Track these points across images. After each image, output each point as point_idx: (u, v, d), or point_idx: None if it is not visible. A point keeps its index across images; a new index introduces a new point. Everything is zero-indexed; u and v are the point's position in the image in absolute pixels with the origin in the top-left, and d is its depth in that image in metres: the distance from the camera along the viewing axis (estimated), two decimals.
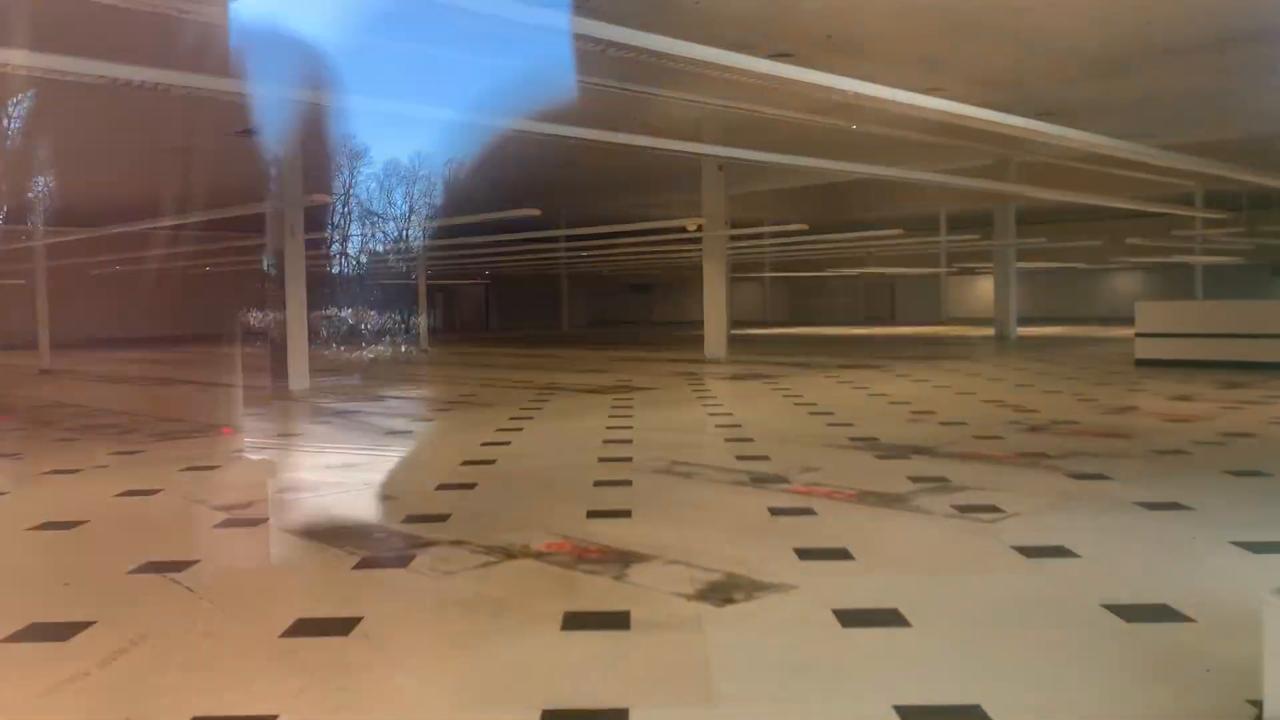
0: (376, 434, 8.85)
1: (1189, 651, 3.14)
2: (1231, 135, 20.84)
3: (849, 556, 4.37)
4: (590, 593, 3.91)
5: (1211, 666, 3.00)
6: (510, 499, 5.82)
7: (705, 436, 8.44)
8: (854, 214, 32.51)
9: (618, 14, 10.65)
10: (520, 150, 19.34)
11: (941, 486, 5.89)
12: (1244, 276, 32.63)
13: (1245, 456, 6.76)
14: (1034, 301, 37.82)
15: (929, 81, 14.57)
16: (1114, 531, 4.73)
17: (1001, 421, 8.79)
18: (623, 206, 30.27)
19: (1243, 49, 13.32)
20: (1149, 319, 14.92)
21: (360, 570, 4.32)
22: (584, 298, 47.08)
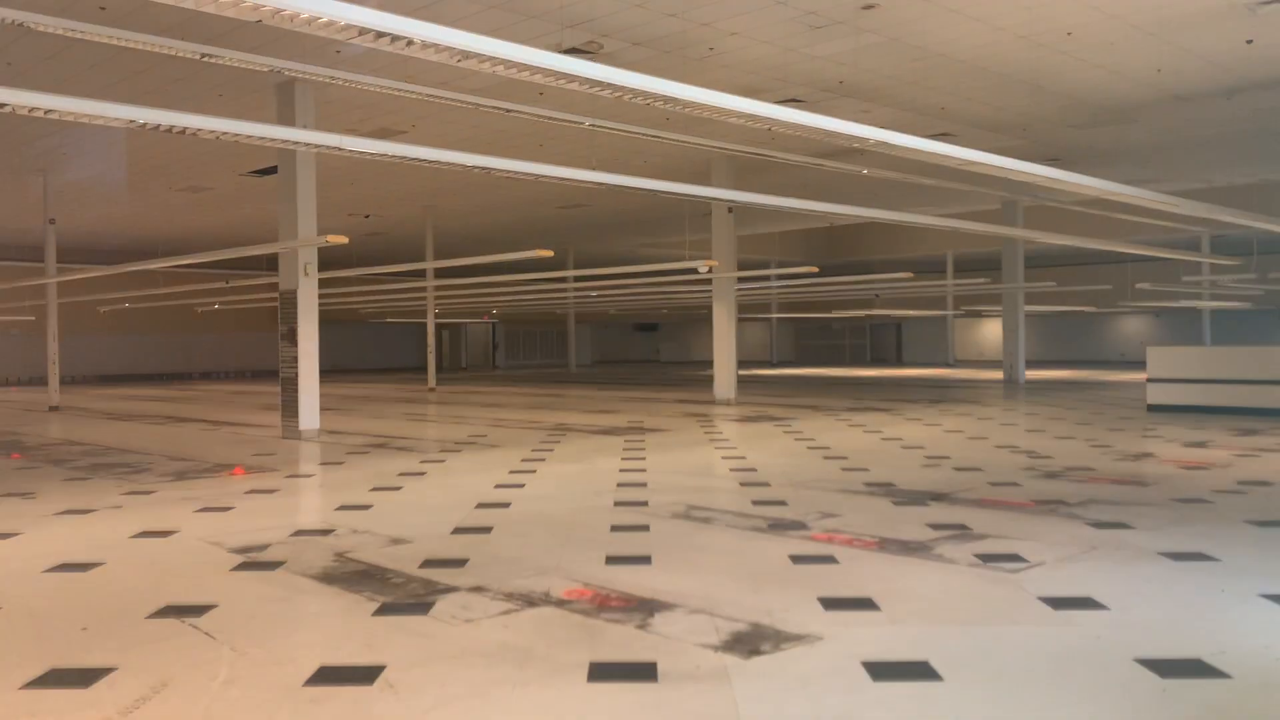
0: (389, 475, 8.82)
1: (1227, 710, 3.10)
2: (1240, 181, 20.93)
3: (874, 606, 4.32)
4: (614, 642, 3.87)
5: None
6: (527, 543, 5.78)
7: (720, 480, 8.40)
8: (861, 255, 32.64)
9: (630, 60, 10.81)
10: (530, 191, 19.48)
11: (962, 534, 5.84)
12: (1253, 321, 32.63)
13: (1266, 505, 6.71)
14: (1042, 345, 37.83)
15: (938, 127, 14.69)
16: (1140, 582, 4.68)
17: (1016, 467, 8.75)
18: (631, 246, 30.43)
19: (1251, 96, 13.42)
20: (1161, 364, 14.89)
21: (381, 616, 4.28)
22: (591, 337, 47.20)
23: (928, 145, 6.86)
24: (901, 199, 20.93)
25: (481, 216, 23.91)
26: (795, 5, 9.57)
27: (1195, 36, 10.76)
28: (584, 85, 5.13)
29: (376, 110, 13.27)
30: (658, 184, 9.19)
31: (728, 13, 9.76)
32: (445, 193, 20.33)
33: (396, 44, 4.24)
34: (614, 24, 9.99)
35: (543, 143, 15.28)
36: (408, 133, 14.39)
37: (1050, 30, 10.44)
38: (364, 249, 29.46)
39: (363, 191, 20.08)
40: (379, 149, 6.74)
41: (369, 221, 24.22)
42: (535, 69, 4.82)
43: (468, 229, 25.98)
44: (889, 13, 9.81)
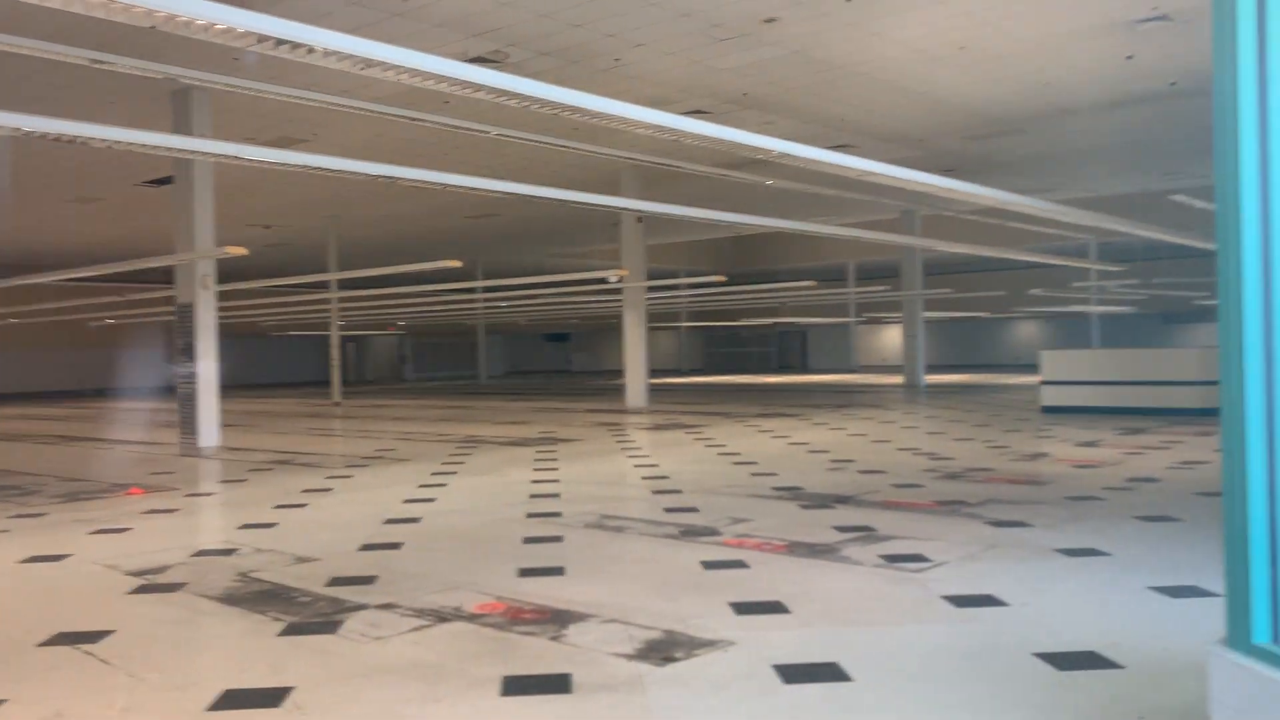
0: (293, 492, 8.62)
1: (1120, 699, 3.23)
2: (1124, 190, 21.90)
3: (785, 610, 4.39)
4: (528, 655, 3.86)
5: (1144, 714, 3.08)
6: (438, 558, 5.72)
7: (633, 489, 8.43)
8: (767, 265, 33.14)
9: (537, 70, 10.81)
10: (437, 201, 19.29)
11: (868, 536, 5.98)
12: (1138, 325, 34.11)
13: (1153, 501, 7.02)
14: (941, 349, 38.91)
15: (839, 138, 15.03)
16: (1037, 579, 4.85)
17: (918, 469, 8.99)
18: (541, 256, 30.36)
19: (1132, 110, 14.06)
20: (1053, 367, 15.46)
21: (287, 637, 4.19)
22: (501, 347, 46.89)
23: (829, 156, 7.02)
24: (805, 209, 21.33)
25: (387, 227, 23.58)
26: (700, 18, 9.70)
27: (1080, 52, 11.23)
28: (490, 94, 5.12)
29: (277, 119, 12.99)
30: (566, 194, 9.20)
31: (633, 24, 9.84)
32: (349, 203, 19.99)
33: (297, 52, 4.17)
34: (520, 34, 9.98)
35: (449, 152, 15.15)
36: (309, 141, 14.12)
37: (944, 44, 10.79)
38: (265, 260, 28.75)
39: (263, 202, 19.62)
40: (279, 158, 6.61)
41: (269, 232, 23.67)
42: (440, 78, 4.79)
43: (373, 239, 25.59)
44: (790, 26, 10.01)
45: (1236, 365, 2.27)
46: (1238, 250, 2.26)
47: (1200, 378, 13.84)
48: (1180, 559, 5.18)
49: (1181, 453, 9.73)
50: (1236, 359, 2.27)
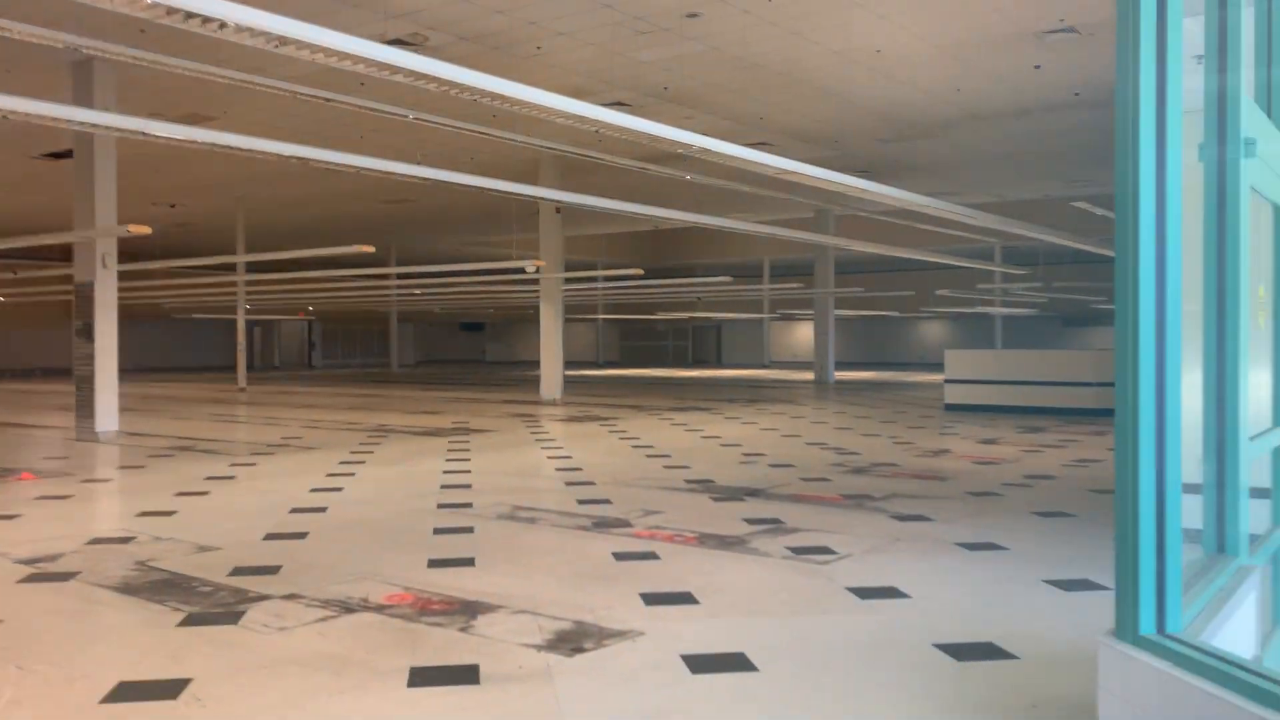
0: (195, 480, 8.38)
1: (1015, 688, 3.35)
2: (1029, 196, 22.59)
3: (694, 601, 4.44)
4: (436, 646, 3.82)
5: (1037, 703, 3.20)
6: (345, 549, 5.62)
7: (546, 480, 8.41)
8: (684, 259, 33.33)
9: (456, 55, 10.67)
10: (351, 184, 18.92)
11: (776, 528, 6.07)
12: (1039, 327, 35.25)
13: (1049, 497, 7.27)
14: (850, 347, 39.65)
15: (757, 136, 15.19)
16: (938, 571, 4.99)
17: (826, 464, 9.15)
18: (457, 244, 30.02)
19: (1039, 118, 14.51)
20: (957, 366, 15.89)
21: (186, 628, 4.07)
22: (414, 336, 46.23)
23: (747, 154, 7.10)
24: (723, 205, 21.51)
25: (298, 209, 23.05)
26: (622, 9, 9.69)
27: (991, 59, 11.54)
28: (408, 77, 5.05)
29: (185, 95, 12.59)
30: (484, 181, 9.13)
31: (555, 13, 9.78)
32: (259, 183, 19.48)
33: (208, 26, 4.05)
34: (440, 17, 9.85)
35: (364, 135, 14.87)
36: (219, 119, 13.72)
37: (861, 47, 10.97)
38: (169, 240, 27.84)
39: (169, 180, 18.99)
40: (186, 135, 6.41)
41: (174, 211, 22.93)
42: (357, 58, 4.70)
43: (283, 222, 24.98)
44: (711, 23, 10.07)
45: (1130, 368, 2.36)
46: (1134, 257, 2.35)
47: (1096, 379, 14.37)
48: (1073, 554, 5.38)
49: (1077, 451, 10.09)
50: (1131, 362, 2.36)
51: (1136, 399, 2.35)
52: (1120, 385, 2.39)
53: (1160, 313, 2.35)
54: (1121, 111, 2.37)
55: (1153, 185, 2.36)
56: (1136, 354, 2.35)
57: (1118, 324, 2.40)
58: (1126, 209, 2.37)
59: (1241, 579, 2.74)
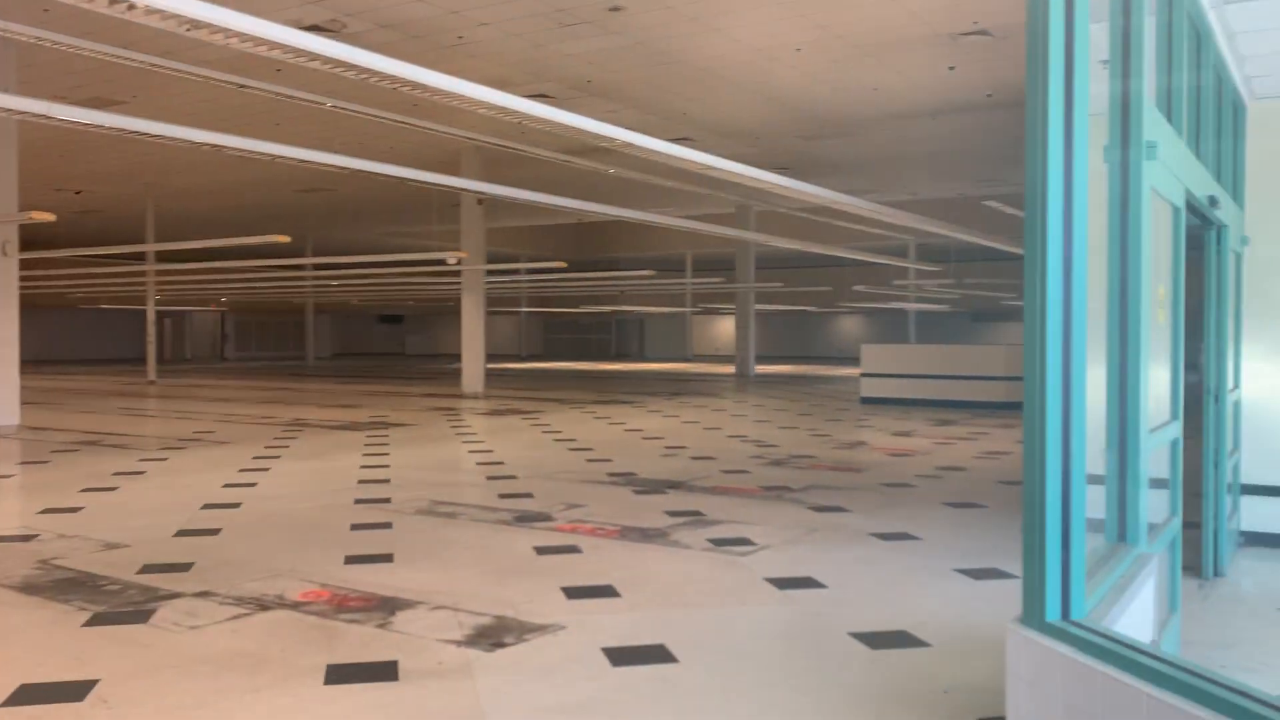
0: (102, 475, 8.12)
1: (928, 675, 3.43)
2: (942, 194, 23.11)
3: (615, 594, 4.45)
4: (353, 643, 3.77)
5: (949, 688, 3.29)
6: (259, 545, 5.51)
7: (466, 474, 8.34)
8: (607, 252, 33.32)
9: (376, 42, 10.50)
10: (267, 172, 18.51)
11: (697, 520, 6.12)
12: (950, 323, 36.08)
13: (960, 489, 7.46)
14: (770, 341, 40.09)
15: (680, 131, 15.25)
16: (854, 562, 5.09)
17: (746, 456, 9.26)
18: (376, 235, 29.54)
19: (952, 118, 14.84)
20: (872, 360, 16.19)
21: (93, 627, 3.95)
22: (331, 328, 45.39)
23: (669, 148, 7.11)
24: (646, 199, 21.56)
25: (211, 198, 22.43)
26: (546, 1, 9.64)
27: (906, 60, 11.76)
28: (326, 65, 4.94)
29: (92, 77, 12.15)
30: (404, 171, 8.99)
31: (477, 3, 9.69)
32: (170, 170, 18.91)
33: (116, 7, 3.92)
34: (359, 4, 9.68)
35: (280, 122, 14.54)
36: (127, 104, 13.28)
37: (782, 45, 11.09)
38: (75, 228, 26.87)
39: (74, 166, 18.32)
40: (93, 119, 6.19)
41: (80, 198, 22.13)
42: (273, 44, 4.59)
43: (195, 210, 24.29)
44: (635, 16, 10.08)
45: (1038, 362, 2.44)
46: (1042, 255, 2.43)
47: (1005, 373, 14.78)
48: (984, 543, 5.54)
49: (987, 443, 10.37)
50: (1038, 357, 2.44)
51: (1044, 393, 2.43)
52: (1028, 380, 2.47)
53: (1067, 310, 2.43)
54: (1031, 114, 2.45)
55: (1060, 186, 2.43)
56: (1044, 349, 2.43)
57: (1026, 320, 2.47)
58: (1035, 208, 2.44)
59: (1141, 567, 2.85)
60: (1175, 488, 3.56)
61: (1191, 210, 3.80)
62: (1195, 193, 3.62)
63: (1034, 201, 2.44)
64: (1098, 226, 2.71)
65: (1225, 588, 4.66)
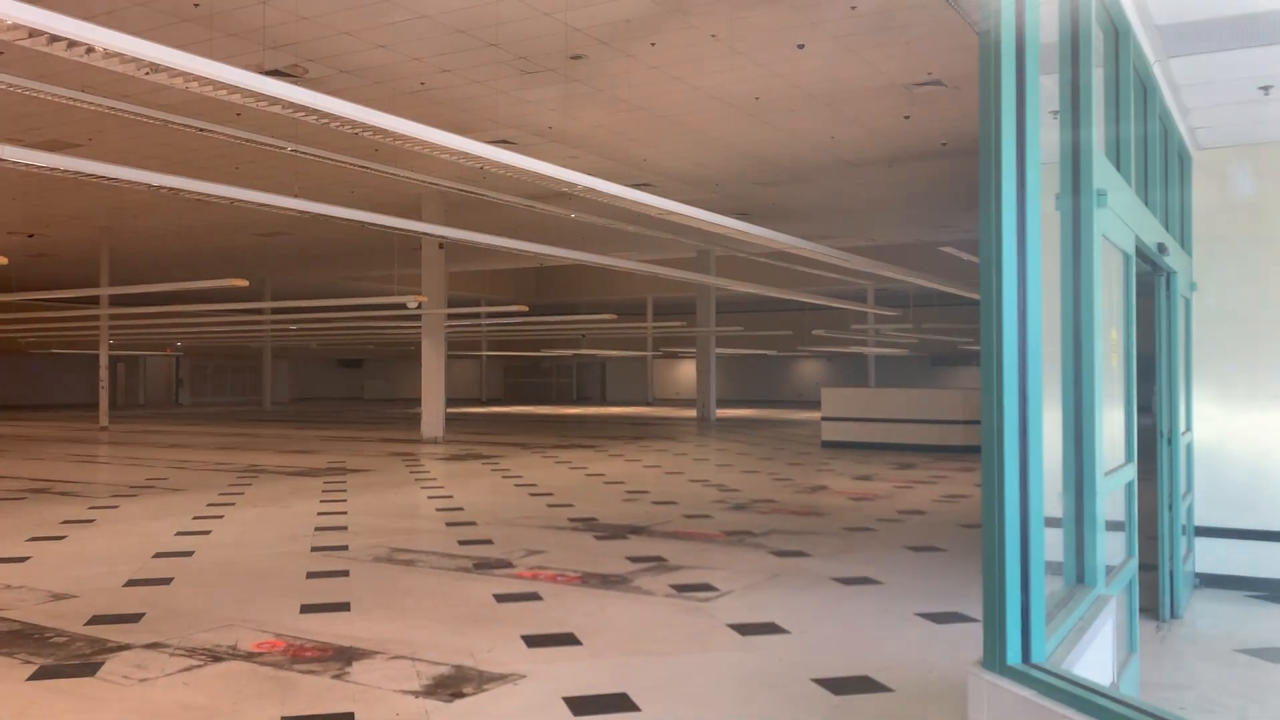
0: (50, 524, 7.92)
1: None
2: (900, 240, 23.45)
3: (576, 641, 4.40)
4: (309, 694, 3.69)
5: None
6: (213, 595, 5.39)
7: (426, 521, 8.24)
8: (569, 297, 33.37)
9: (337, 88, 10.52)
10: (225, 216, 18.37)
11: (659, 566, 6.08)
12: (909, 367, 36.46)
13: (921, 532, 7.49)
14: (731, 384, 40.24)
15: (641, 177, 15.38)
16: (816, 607, 5.08)
17: (708, 500, 9.24)
18: (335, 279, 29.37)
19: (909, 166, 15.11)
20: (833, 404, 16.29)
21: (38, 681, 3.83)
22: (289, 372, 44.88)
23: (630, 194, 7.17)
24: (607, 243, 21.66)
25: (168, 241, 22.20)
26: (507, 49, 9.72)
27: (863, 109, 11.99)
28: (287, 109, 4.94)
29: (47, 120, 12.04)
30: (365, 215, 8.97)
31: (440, 50, 9.75)
32: (127, 213, 18.72)
33: (74, 50, 3.89)
34: (321, 49, 9.70)
35: (239, 166, 14.47)
36: (84, 146, 13.16)
37: (740, 93, 11.26)
38: (27, 272, 26.46)
39: (29, 208, 18.06)
40: (48, 162, 6.13)
41: (33, 241, 21.81)
42: (233, 88, 4.58)
43: (151, 254, 24.03)
44: (596, 65, 10.20)
45: (995, 406, 2.47)
46: (998, 300, 2.46)
47: (964, 417, 14.93)
48: (945, 587, 5.55)
49: (947, 487, 10.44)
50: (995, 400, 2.47)
51: (1001, 436, 2.46)
52: (986, 423, 2.49)
53: (1022, 354, 2.47)
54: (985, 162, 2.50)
55: (1014, 232, 2.48)
56: (1001, 393, 2.46)
57: (983, 364, 2.51)
58: (990, 254, 2.48)
59: (1100, 609, 2.87)
60: (1131, 529, 3.60)
61: (1141, 257, 3.89)
62: (1145, 240, 3.71)
63: (989, 247, 2.49)
64: (1051, 272, 2.76)
65: (1182, 629, 4.71)
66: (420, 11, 8.77)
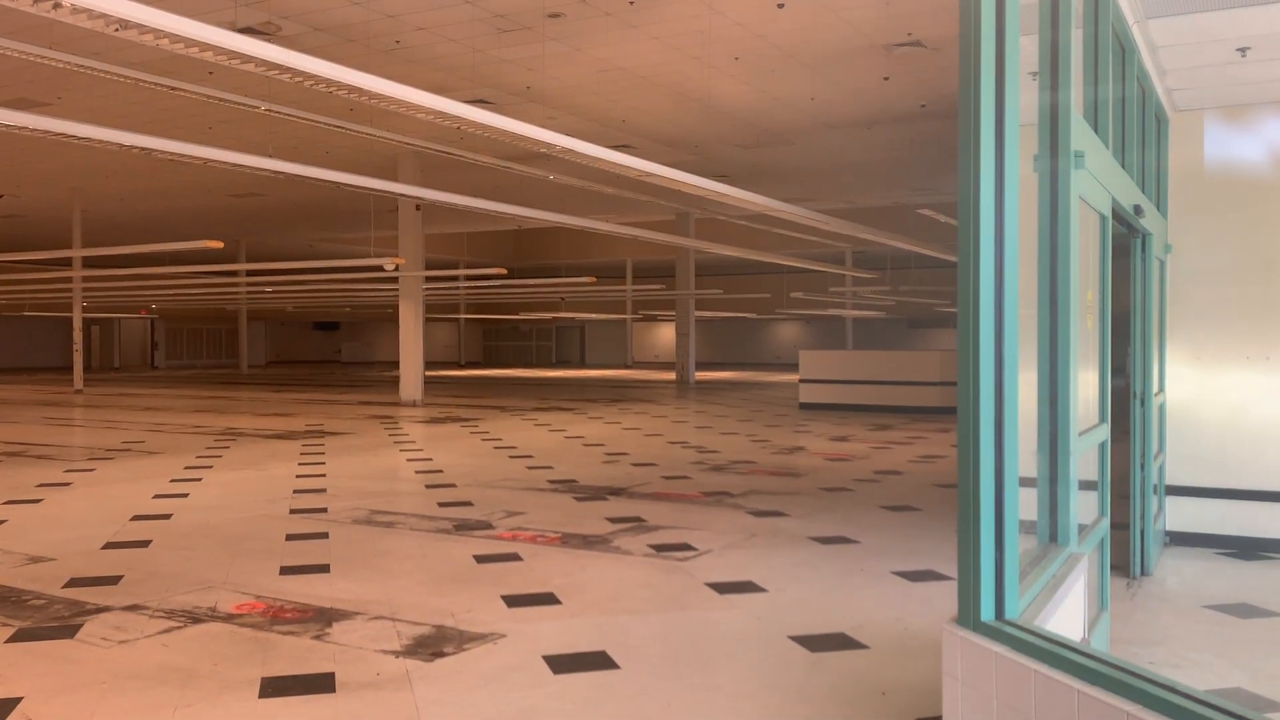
0: (25, 487, 7.88)
1: (866, 677, 3.47)
2: (878, 203, 23.45)
3: (556, 601, 4.44)
4: (289, 655, 3.70)
5: (887, 690, 3.33)
6: (192, 557, 5.39)
7: (405, 483, 8.25)
8: (547, 259, 33.23)
9: (311, 45, 10.36)
10: (198, 177, 18.14)
11: (638, 526, 6.12)
12: (886, 329, 36.62)
13: (897, 492, 7.57)
14: (710, 347, 40.31)
15: (620, 139, 15.28)
16: (793, 566, 5.13)
17: (687, 462, 9.29)
18: (311, 240, 29.11)
19: (887, 128, 15.08)
20: (810, 366, 16.36)
21: (16, 644, 3.83)
22: (265, 335, 44.59)
23: (609, 155, 7.13)
24: (586, 205, 21.55)
25: (140, 202, 21.91)
26: (483, 6, 9.60)
27: (842, 70, 11.93)
28: (260, 67, 4.87)
29: (14, 78, 11.80)
30: (341, 176, 8.89)
31: (415, 7, 9.61)
32: (98, 174, 18.44)
33: (41, 5, 3.82)
34: (294, 6, 9.54)
35: (212, 126, 14.26)
36: (52, 105, 12.93)
37: (721, 54, 11.17)
38: None
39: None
40: (16, 120, 6.02)
41: (3, 202, 21.47)
42: (205, 45, 4.51)
43: (124, 215, 23.71)
44: (574, 23, 10.08)
45: (971, 367, 2.49)
46: (975, 262, 2.47)
47: (940, 379, 15.03)
48: (920, 546, 5.62)
49: (923, 448, 10.54)
50: (972, 362, 2.49)
51: (977, 398, 2.48)
52: (962, 384, 2.51)
53: (999, 316, 2.49)
54: (964, 124, 2.50)
55: (992, 194, 2.49)
56: (977, 355, 2.48)
57: (960, 326, 2.52)
58: (968, 216, 2.49)
59: (1071, 567, 2.92)
60: (1104, 489, 3.65)
61: (1118, 219, 3.91)
62: (1121, 201, 3.73)
63: (966, 210, 2.49)
64: (1028, 234, 2.77)
65: (1152, 586, 4.79)
66: None
